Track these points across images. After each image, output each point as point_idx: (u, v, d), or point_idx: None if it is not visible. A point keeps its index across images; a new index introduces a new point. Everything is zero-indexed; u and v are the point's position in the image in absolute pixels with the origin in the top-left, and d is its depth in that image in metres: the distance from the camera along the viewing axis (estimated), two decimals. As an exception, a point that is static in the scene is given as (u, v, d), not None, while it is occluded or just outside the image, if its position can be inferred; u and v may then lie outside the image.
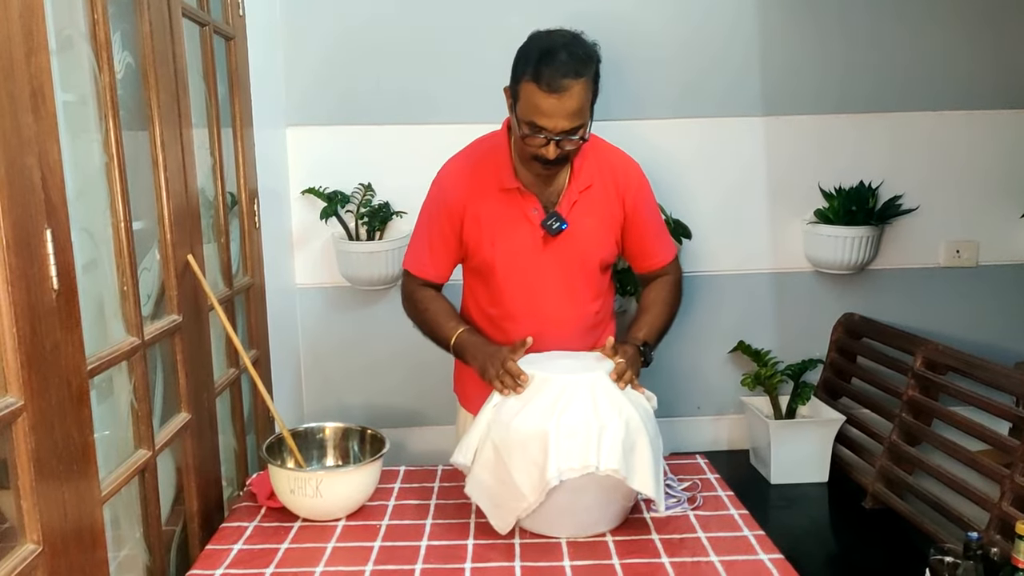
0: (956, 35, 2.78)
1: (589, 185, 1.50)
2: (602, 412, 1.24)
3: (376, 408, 2.84)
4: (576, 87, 1.32)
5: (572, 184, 1.49)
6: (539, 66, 1.31)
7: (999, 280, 2.94)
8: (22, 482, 0.92)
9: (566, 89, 1.31)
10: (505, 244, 1.50)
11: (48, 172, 0.97)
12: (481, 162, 1.52)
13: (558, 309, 1.54)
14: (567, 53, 1.32)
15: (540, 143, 1.37)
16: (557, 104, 1.32)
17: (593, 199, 1.50)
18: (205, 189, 1.71)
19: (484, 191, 1.50)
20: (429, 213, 1.56)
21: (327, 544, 1.29)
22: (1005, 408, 2.19)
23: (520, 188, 1.48)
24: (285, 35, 2.60)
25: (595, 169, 1.51)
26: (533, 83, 1.32)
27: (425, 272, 1.57)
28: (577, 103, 1.33)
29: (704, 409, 2.98)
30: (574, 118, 1.34)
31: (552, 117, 1.33)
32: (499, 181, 1.49)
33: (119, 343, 1.23)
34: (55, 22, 1.07)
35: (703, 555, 1.23)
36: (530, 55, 1.34)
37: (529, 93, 1.33)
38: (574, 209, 1.49)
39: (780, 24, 2.73)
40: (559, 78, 1.30)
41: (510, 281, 1.52)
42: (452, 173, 1.54)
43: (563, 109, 1.32)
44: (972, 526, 2.05)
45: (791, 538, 2.29)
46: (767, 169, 2.84)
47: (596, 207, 1.51)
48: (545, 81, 1.30)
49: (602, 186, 1.51)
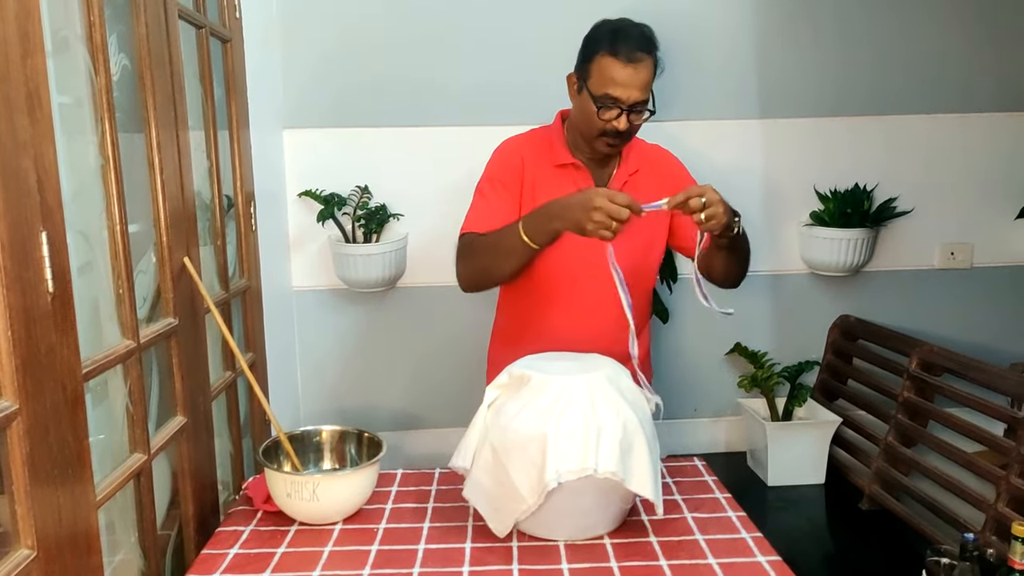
0: (951, 38, 2.79)
1: (636, 170, 1.61)
2: (600, 414, 1.24)
3: (373, 411, 2.84)
4: (647, 60, 1.46)
5: (622, 167, 1.61)
6: (615, 41, 1.45)
7: (994, 282, 2.96)
8: (16, 486, 0.91)
9: (640, 60, 1.45)
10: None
11: (44, 174, 0.96)
12: (537, 140, 1.63)
13: (598, 297, 1.54)
14: (638, 31, 1.48)
15: (614, 115, 1.47)
16: (633, 74, 1.44)
17: (640, 184, 1.59)
18: (201, 192, 1.70)
19: (541, 164, 1.59)
20: (490, 179, 1.60)
21: (324, 548, 1.28)
22: (1000, 409, 2.20)
23: (575, 164, 1.59)
24: (281, 37, 2.59)
25: (640, 157, 1.63)
26: (610, 55, 1.45)
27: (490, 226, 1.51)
28: (648, 75, 1.46)
29: (701, 411, 2.98)
30: (645, 90, 1.47)
31: (627, 87, 1.45)
32: (554, 157, 1.59)
33: (114, 346, 1.22)
34: (51, 24, 1.07)
35: (701, 557, 1.23)
36: (602, 35, 1.48)
37: (605, 66, 1.45)
38: (624, 189, 1.55)
39: (776, 28, 2.74)
40: (635, 49, 1.44)
41: (556, 257, 1.53)
42: (511, 144, 1.64)
43: (637, 79, 1.45)
44: (968, 527, 2.06)
45: (788, 540, 2.29)
46: (762, 172, 2.85)
47: (643, 191, 1.51)
48: (623, 53, 1.44)
49: (648, 173, 1.62)
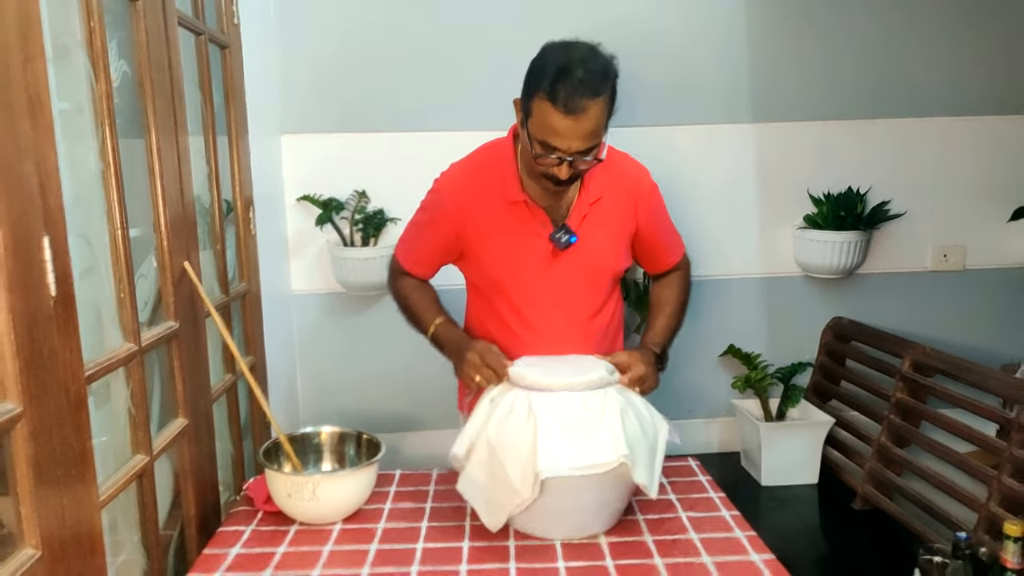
0: (942, 41, 2.81)
1: (599, 197, 1.44)
2: (595, 411, 1.25)
3: (372, 412, 2.85)
4: (594, 107, 1.24)
5: (582, 197, 1.43)
6: (555, 84, 1.22)
7: (986, 284, 2.98)
8: (21, 488, 0.93)
9: (583, 110, 1.23)
10: (512, 260, 1.44)
11: (45, 179, 0.97)
12: (485, 172, 1.44)
13: (567, 326, 1.48)
14: (584, 70, 1.23)
15: (552, 163, 1.30)
16: (573, 125, 1.24)
17: (603, 211, 1.44)
18: (201, 196, 1.72)
19: (487, 203, 1.42)
20: (424, 215, 1.50)
21: (324, 547, 1.30)
22: (992, 410, 2.22)
23: (527, 201, 1.41)
24: (280, 43, 2.61)
25: (605, 180, 1.44)
26: (548, 102, 1.23)
27: (411, 268, 1.55)
28: (594, 123, 1.25)
29: (695, 412, 3.00)
30: (589, 139, 1.27)
31: (567, 138, 1.25)
32: (504, 193, 1.41)
33: (116, 349, 1.23)
34: (51, 30, 1.08)
35: (695, 556, 1.25)
36: (545, 70, 1.25)
37: (543, 112, 1.25)
38: (584, 222, 1.43)
39: (769, 32, 2.77)
40: (576, 98, 1.22)
41: (517, 298, 1.46)
42: (452, 182, 1.46)
43: (579, 130, 1.25)
44: (960, 526, 2.08)
45: (782, 539, 2.31)
46: (756, 175, 2.87)
47: (607, 219, 1.45)
48: (561, 101, 1.22)
49: (613, 197, 1.45)
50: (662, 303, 1.59)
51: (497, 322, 1.51)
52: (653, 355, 1.46)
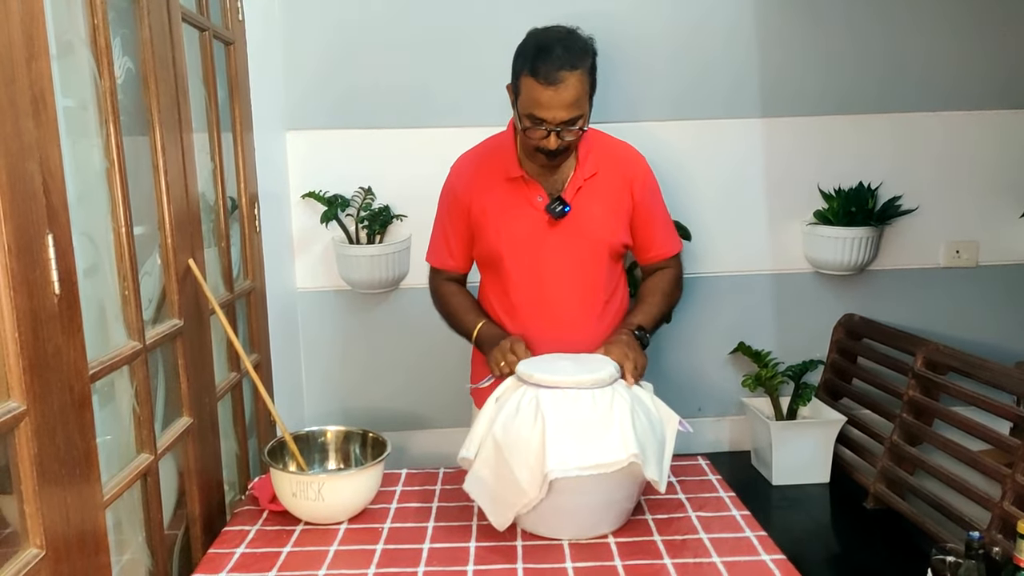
0: (955, 35, 2.78)
1: (594, 173, 1.55)
2: (603, 410, 1.24)
3: (377, 411, 2.85)
4: (572, 78, 1.37)
5: (578, 172, 1.54)
6: (536, 61, 1.38)
7: (999, 280, 2.95)
8: (25, 487, 0.92)
9: (562, 81, 1.37)
10: (510, 231, 1.55)
11: (49, 177, 0.97)
12: (488, 156, 1.60)
13: (567, 299, 1.57)
14: (562, 47, 1.38)
15: (541, 135, 1.43)
16: (554, 95, 1.38)
17: (599, 186, 1.55)
18: (206, 193, 1.71)
19: (490, 182, 1.56)
20: (442, 205, 1.65)
21: (329, 547, 1.29)
22: (1006, 407, 2.19)
23: (524, 176, 1.54)
24: (284, 39, 2.60)
25: (601, 159, 1.56)
26: (531, 77, 1.38)
27: (445, 263, 1.66)
28: (573, 94, 1.38)
29: (705, 411, 2.98)
30: (571, 109, 1.40)
31: (550, 108, 1.39)
32: (505, 172, 1.55)
33: (121, 347, 1.23)
34: (55, 27, 1.08)
35: (705, 556, 1.23)
36: (527, 51, 1.41)
37: (528, 87, 1.40)
38: (579, 195, 1.53)
39: (778, 26, 2.74)
40: (555, 70, 1.36)
41: (517, 269, 1.56)
42: (459, 167, 1.63)
43: (560, 100, 1.38)
44: (974, 525, 2.05)
45: (793, 539, 2.29)
46: (766, 171, 2.85)
47: (602, 194, 1.55)
48: (542, 74, 1.37)
49: (609, 175, 1.56)
50: (649, 292, 1.64)
51: (499, 296, 1.61)
52: (632, 336, 1.48)
